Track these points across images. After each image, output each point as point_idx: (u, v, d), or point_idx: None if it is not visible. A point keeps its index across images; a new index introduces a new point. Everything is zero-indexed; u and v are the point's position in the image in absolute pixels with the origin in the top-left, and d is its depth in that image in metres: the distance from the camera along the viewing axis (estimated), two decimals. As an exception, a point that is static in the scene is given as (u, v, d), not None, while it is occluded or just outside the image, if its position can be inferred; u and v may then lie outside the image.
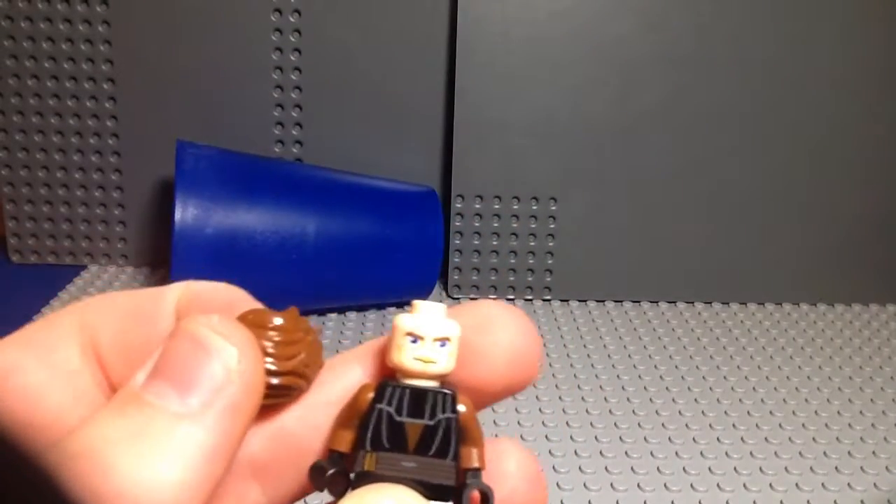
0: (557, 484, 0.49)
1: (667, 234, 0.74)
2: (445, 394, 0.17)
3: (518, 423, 0.55)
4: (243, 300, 0.17)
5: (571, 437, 0.53)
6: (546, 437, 0.53)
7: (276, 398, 0.16)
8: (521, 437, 0.53)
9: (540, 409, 0.57)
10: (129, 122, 0.74)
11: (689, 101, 0.71)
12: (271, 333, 0.16)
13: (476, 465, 0.17)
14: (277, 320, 0.16)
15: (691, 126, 0.72)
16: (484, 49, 0.70)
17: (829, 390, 0.61)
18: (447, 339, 0.17)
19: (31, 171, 0.75)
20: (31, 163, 0.75)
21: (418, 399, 0.17)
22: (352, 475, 0.16)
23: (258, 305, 0.17)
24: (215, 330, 0.14)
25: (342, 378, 0.17)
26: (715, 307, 0.75)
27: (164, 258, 0.75)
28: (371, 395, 0.17)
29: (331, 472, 0.16)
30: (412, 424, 0.17)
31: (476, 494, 0.16)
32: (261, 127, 0.74)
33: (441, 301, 0.74)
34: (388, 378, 0.17)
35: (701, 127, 0.72)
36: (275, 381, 0.16)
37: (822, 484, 0.50)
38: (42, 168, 0.75)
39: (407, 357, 0.17)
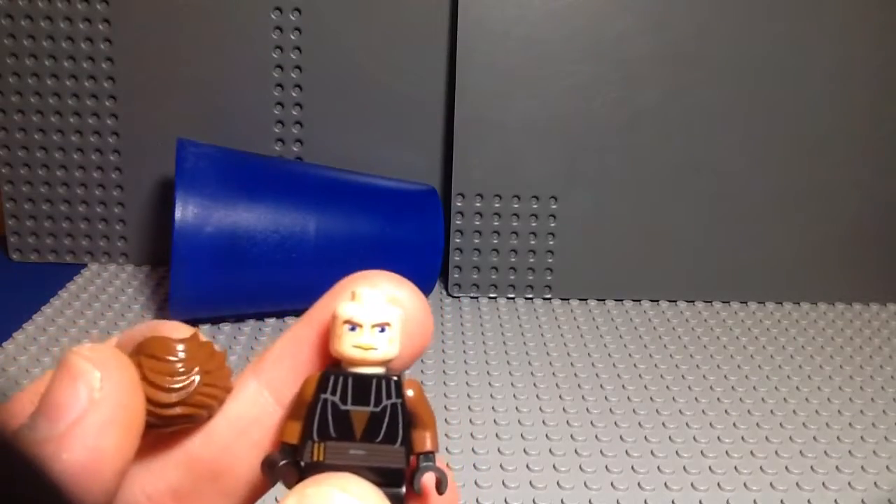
0: (558, 483, 0.49)
1: (667, 233, 0.74)
2: (390, 379, 0.17)
3: (518, 421, 0.55)
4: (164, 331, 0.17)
5: (572, 437, 0.53)
6: (546, 435, 0.53)
7: (175, 425, 0.16)
8: (522, 436, 0.53)
9: (540, 408, 0.57)
10: (129, 120, 0.74)
11: (690, 100, 0.71)
12: (166, 362, 0.16)
13: (429, 448, 0.17)
14: (177, 347, 0.16)
15: (691, 125, 0.72)
16: (484, 48, 0.70)
17: (830, 389, 0.61)
18: (386, 324, 0.17)
19: (32, 169, 0.75)
20: (31, 161, 0.75)
21: (362, 386, 0.17)
22: (301, 465, 0.16)
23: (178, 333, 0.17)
24: (82, 356, 0.15)
25: (238, 394, 0.18)
26: (716, 306, 0.75)
27: (164, 257, 0.75)
28: (314, 385, 0.17)
29: (281, 463, 0.16)
30: (358, 412, 0.17)
31: (429, 478, 0.17)
32: (261, 125, 0.74)
33: (441, 301, 0.74)
34: (331, 367, 0.17)
35: (701, 126, 0.72)
36: (170, 410, 0.16)
37: (823, 483, 0.50)
38: (42, 166, 0.75)
39: (346, 345, 0.17)
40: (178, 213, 0.60)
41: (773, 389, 0.61)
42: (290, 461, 0.16)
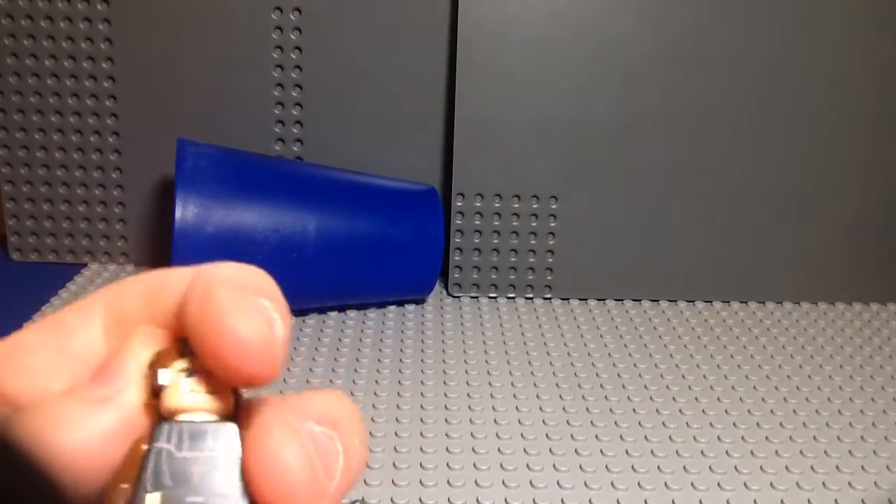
0: (558, 482, 0.49)
1: (667, 233, 0.74)
2: (227, 427, 0.16)
3: (518, 421, 0.55)
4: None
5: (572, 436, 0.53)
6: (547, 435, 0.53)
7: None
8: (522, 435, 0.53)
9: (541, 408, 0.57)
10: (129, 120, 0.74)
11: (690, 101, 0.71)
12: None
13: None
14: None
15: (691, 125, 0.72)
16: (484, 48, 0.70)
17: (830, 389, 0.61)
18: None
19: (32, 169, 0.75)
20: (31, 161, 0.75)
21: (198, 433, 0.16)
22: None
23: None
24: (135, 337, 0.17)
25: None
26: (716, 306, 0.75)
27: (164, 256, 0.75)
28: (145, 442, 0.16)
29: None
30: (195, 458, 0.16)
31: None
32: (261, 125, 0.74)
33: (441, 301, 0.74)
34: (162, 420, 0.16)
35: (701, 126, 0.72)
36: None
37: (823, 483, 0.50)
38: (42, 166, 0.75)
39: (180, 393, 0.16)
40: (178, 213, 0.60)
41: (773, 389, 0.61)
42: None
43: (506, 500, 0.47)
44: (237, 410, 0.17)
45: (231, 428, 0.16)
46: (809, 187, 0.74)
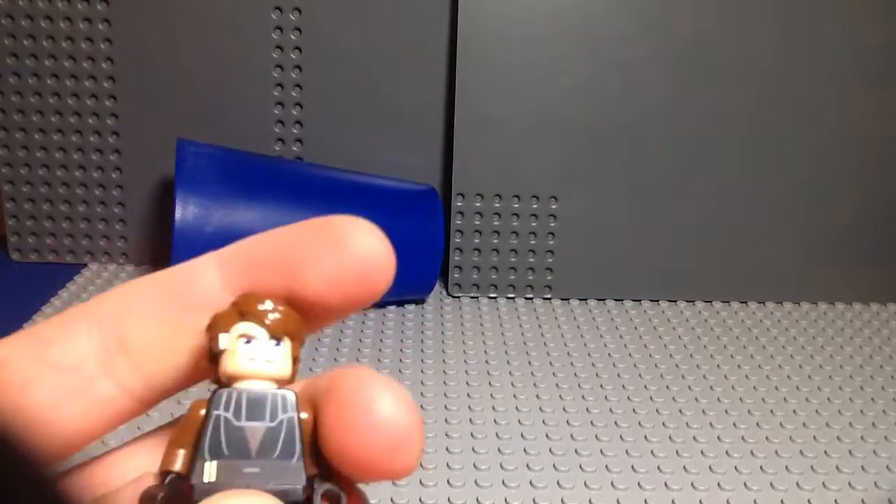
0: (558, 482, 0.49)
1: (667, 233, 0.74)
2: (285, 395, 0.16)
3: (518, 421, 0.55)
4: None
5: (572, 436, 0.53)
6: (547, 435, 0.53)
7: None
8: (522, 435, 0.53)
9: (540, 408, 0.57)
10: (129, 120, 0.74)
11: (690, 100, 0.71)
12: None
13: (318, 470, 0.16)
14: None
15: (691, 125, 0.72)
16: (484, 47, 0.70)
17: (830, 389, 0.61)
18: (283, 337, 0.17)
19: (32, 169, 0.75)
20: (31, 161, 0.75)
21: (257, 402, 0.16)
22: (192, 486, 0.15)
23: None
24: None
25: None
26: (716, 306, 0.75)
27: (164, 256, 0.75)
28: (205, 404, 0.16)
29: (161, 495, 0.15)
30: (253, 428, 0.16)
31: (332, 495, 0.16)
32: (261, 125, 0.74)
33: (441, 301, 0.74)
34: (221, 386, 0.16)
35: (701, 126, 0.72)
36: None
37: (823, 483, 0.50)
38: (42, 166, 0.75)
39: (240, 358, 0.16)
40: (178, 213, 0.60)
41: (773, 389, 0.61)
42: (173, 492, 0.15)
43: (506, 499, 0.47)
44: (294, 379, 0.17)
45: (290, 396, 0.16)
46: (809, 187, 0.74)
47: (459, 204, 0.73)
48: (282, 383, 0.17)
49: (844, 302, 0.77)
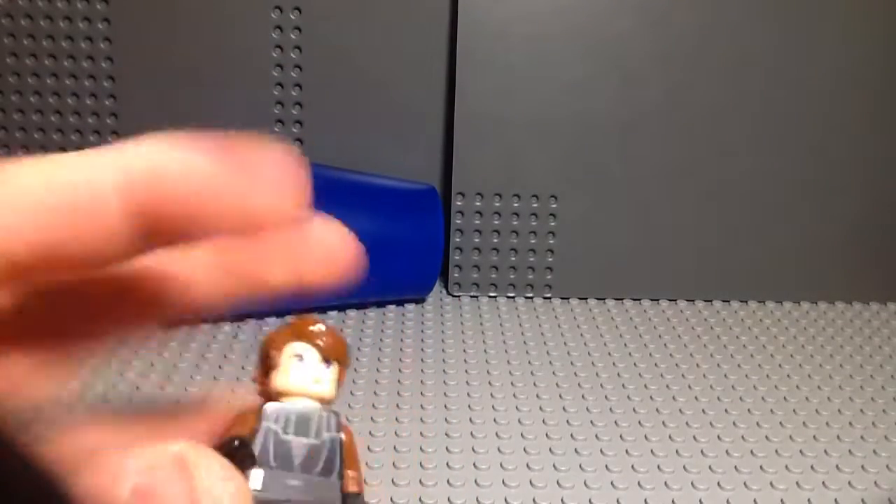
0: (558, 482, 0.49)
1: (668, 232, 0.74)
2: (329, 414, 0.17)
3: (518, 421, 0.55)
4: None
5: (572, 436, 0.53)
6: (546, 434, 0.53)
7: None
8: (522, 435, 0.53)
9: (541, 408, 0.57)
10: (128, 120, 0.74)
11: (691, 99, 0.71)
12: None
13: (354, 489, 0.17)
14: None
15: (692, 124, 0.72)
16: (484, 46, 0.70)
17: (830, 388, 0.61)
18: (333, 361, 0.18)
19: (31, 168, 0.75)
20: (31, 161, 0.74)
21: (303, 418, 0.17)
22: None
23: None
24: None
25: None
26: (716, 305, 0.75)
27: (164, 256, 0.75)
28: (255, 414, 0.17)
29: (237, 444, 0.16)
30: (298, 443, 0.17)
31: None
32: (261, 125, 0.74)
33: (441, 300, 0.74)
34: (272, 400, 0.17)
35: (702, 125, 0.72)
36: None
37: (823, 482, 0.50)
38: (42, 166, 0.75)
39: (291, 376, 0.17)
40: (177, 213, 0.59)
41: (773, 389, 0.61)
42: (246, 449, 0.16)
43: (506, 499, 0.47)
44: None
45: (334, 417, 0.17)
46: (810, 187, 0.74)
47: (459, 203, 0.73)
48: (325, 403, 0.18)
49: (844, 302, 0.77)
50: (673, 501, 0.47)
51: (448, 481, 0.48)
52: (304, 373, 0.17)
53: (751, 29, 0.70)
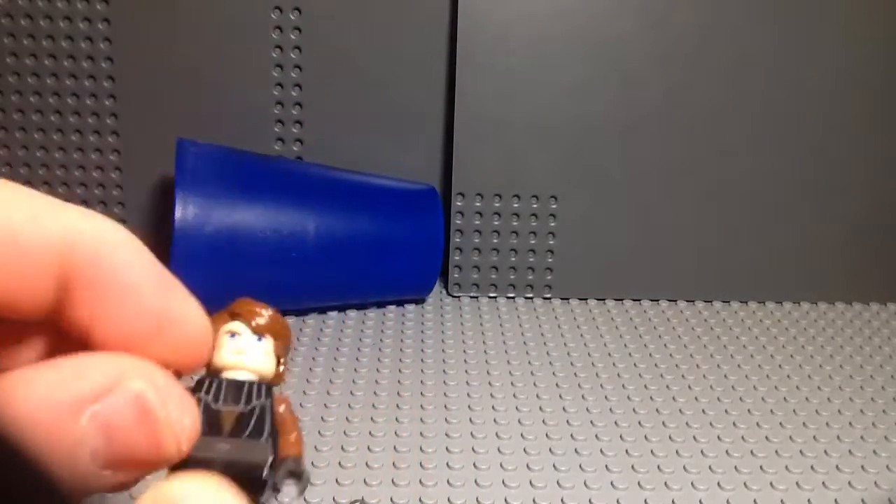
0: (558, 482, 0.49)
1: (668, 233, 0.74)
2: (259, 383, 0.19)
3: (518, 421, 0.55)
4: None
5: (572, 436, 0.53)
6: (546, 435, 0.53)
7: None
8: (522, 435, 0.53)
9: (541, 408, 0.57)
10: (128, 120, 0.74)
11: (690, 100, 0.71)
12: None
13: (293, 452, 0.18)
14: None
15: (692, 125, 0.72)
16: (484, 47, 0.70)
17: (830, 389, 0.61)
18: (265, 335, 0.19)
19: (32, 169, 0.75)
20: (31, 161, 0.75)
21: (234, 388, 0.18)
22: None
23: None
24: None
25: None
26: (716, 306, 0.75)
27: (163, 256, 0.75)
28: (190, 388, 0.18)
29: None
30: (228, 411, 0.18)
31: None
32: (261, 125, 0.74)
33: (441, 300, 0.74)
34: (206, 374, 0.19)
35: (702, 126, 0.72)
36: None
37: (823, 483, 0.50)
38: (42, 166, 0.75)
39: (223, 352, 0.19)
40: (178, 213, 0.60)
41: (773, 389, 0.61)
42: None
43: (506, 499, 0.47)
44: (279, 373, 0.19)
45: (265, 386, 0.19)
46: (809, 187, 0.74)
47: (459, 203, 0.73)
48: (265, 378, 0.19)
49: (844, 302, 0.77)
50: (673, 501, 0.47)
51: (448, 481, 0.48)
52: (234, 347, 0.19)
53: (751, 29, 0.70)
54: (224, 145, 0.68)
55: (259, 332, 0.19)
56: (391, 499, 0.46)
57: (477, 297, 0.75)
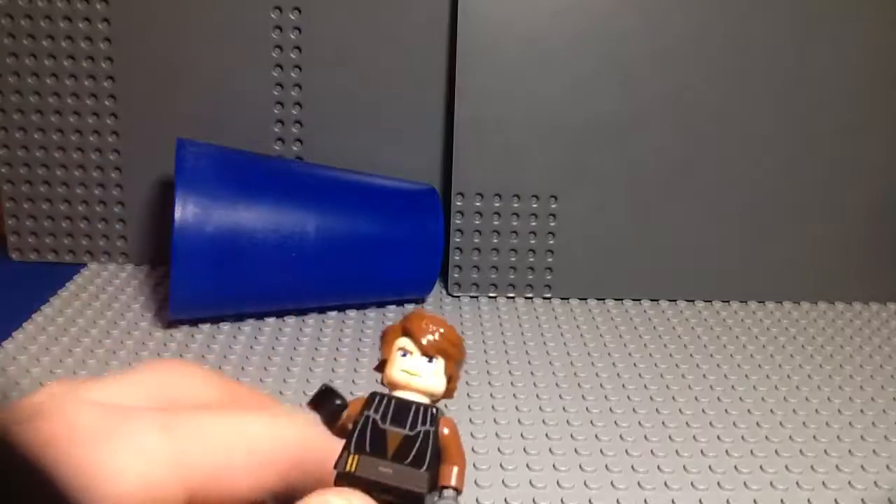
0: (558, 482, 0.49)
1: (667, 233, 0.74)
2: (427, 407, 0.18)
3: (518, 421, 0.55)
4: None
5: (572, 436, 0.53)
6: (546, 435, 0.53)
7: None
8: (522, 435, 0.53)
9: (540, 408, 0.57)
10: (128, 119, 0.74)
11: (690, 99, 0.71)
12: None
13: (453, 483, 0.18)
14: None
15: (692, 124, 0.72)
16: (484, 46, 0.70)
17: (830, 389, 0.61)
18: (435, 356, 0.19)
19: (31, 168, 0.75)
20: (30, 161, 0.75)
21: (402, 409, 0.18)
22: (334, 473, 0.18)
23: None
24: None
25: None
26: (715, 305, 0.75)
27: (164, 256, 0.75)
28: (361, 403, 0.18)
29: (323, 388, 0.18)
30: (393, 433, 0.18)
31: None
32: (261, 125, 0.74)
33: (441, 300, 0.74)
34: (376, 391, 0.19)
35: (701, 125, 0.72)
36: None
37: (823, 482, 0.50)
38: (42, 166, 0.75)
39: (395, 369, 0.19)
40: (177, 213, 0.60)
41: (773, 389, 0.61)
42: (341, 404, 0.18)
43: (506, 499, 0.47)
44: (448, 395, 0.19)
45: (432, 411, 0.19)
46: (809, 187, 0.74)
47: (459, 203, 0.73)
48: (435, 398, 0.19)
49: (844, 302, 0.77)
50: (673, 501, 0.47)
51: (448, 481, 0.48)
52: (404, 366, 0.19)
53: (750, 29, 0.70)
54: (224, 145, 0.68)
55: (428, 353, 0.19)
56: (391, 499, 0.46)
57: (477, 297, 0.75)
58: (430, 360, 0.19)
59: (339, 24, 0.72)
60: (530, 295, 0.75)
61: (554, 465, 0.50)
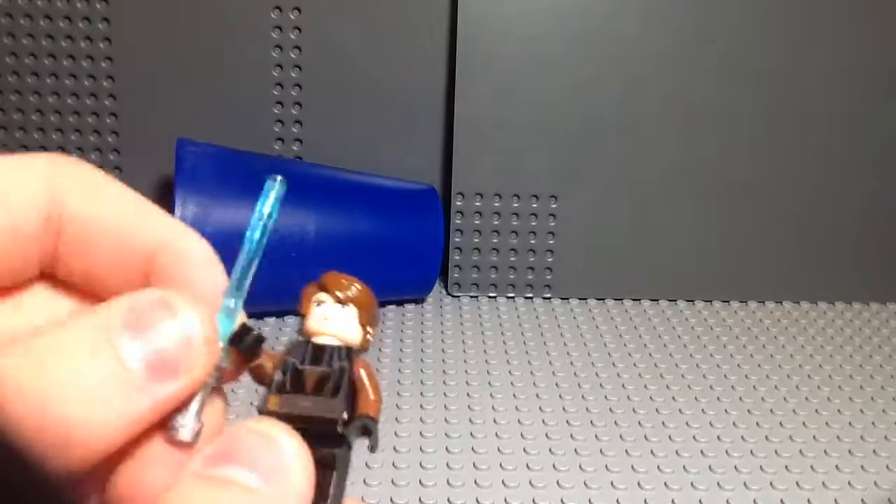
0: (558, 482, 0.49)
1: (667, 233, 0.74)
2: (342, 348, 0.21)
3: (518, 420, 0.55)
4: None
5: (572, 436, 0.53)
6: (546, 435, 0.53)
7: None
8: (522, 435, 0.53)
9: (540, 408, 0.57)
10: (128, 119, 0.74)
11: (691, 100, 0.71)
12: None
13: (371, 413, 0.20)
14: None
15: (692, 124, 0.72)
16: (484, 46, 0.70)
17: (830, 389, 0.61)
18: (349, 303, 0.21)
19: (31, 168, 0.75)
20: (30, 161, 0.74)
21: (319, 352, 0.20)
22: (259, 411, 0.19)
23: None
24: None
25: None
26: (715, 305, 0.75)
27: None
28: (285, 352, 0.20)
29: (252, 333, 0.19)
30: (311, 371, 0.20)
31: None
32: (261, 125, 0.74)
33: (441, 300, 0.74)
34: (297, 339, 0.21)
35: (701, 125, 0.72)
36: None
37: (823, 482, 0.50)
38: (42, 166, 0.75)
39: (311, 318, 0.21)
40: (177, 213, 0.59)
41: (773, 389, 0.61)
42: (258, 337, 0.19)
43: (505, 499, 0.47)
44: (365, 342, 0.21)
45: (345, 350, 0.20)
46: (809, 187, 0.74)
47: (459, 203, 0.73)
48: (350, 344, 0.21)
49: (844, 302, 0.77)
50: (673, 501, 0.47)
51: (448, 481, 0.48)
52: (318, 314, 0.21)
53: (750, 30, 0.70)
54: (224, 145, 0.68)
55: (342, 301, 0.21)
56: (391, 499, 0.46)
57: (477, 297, 0.75)
58: (343, 307, 0.21)
59: (339, 24, 0.72)
60: (530, 295, 0.75)
61: (554, 465, 0.50)
